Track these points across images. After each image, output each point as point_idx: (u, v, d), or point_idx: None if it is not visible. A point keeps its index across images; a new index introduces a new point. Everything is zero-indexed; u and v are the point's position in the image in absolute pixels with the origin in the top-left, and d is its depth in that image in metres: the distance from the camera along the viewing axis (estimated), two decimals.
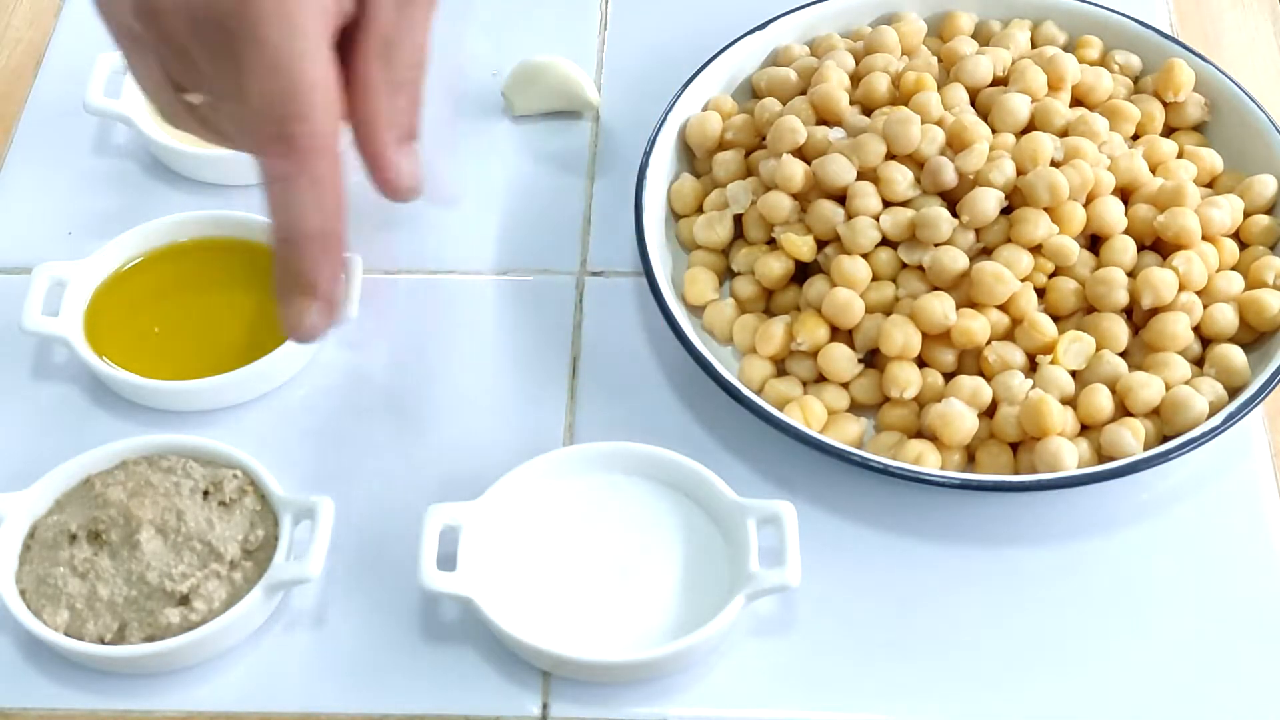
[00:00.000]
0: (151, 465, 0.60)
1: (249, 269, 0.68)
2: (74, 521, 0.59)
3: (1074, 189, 0.65)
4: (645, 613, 0.57)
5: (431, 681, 0.57)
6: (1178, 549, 0.61)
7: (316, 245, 0.53)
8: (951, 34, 0.75)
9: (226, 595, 0.57)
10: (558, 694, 0.57)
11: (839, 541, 0.61)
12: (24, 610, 0.57)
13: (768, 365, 0.65)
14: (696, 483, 0.60)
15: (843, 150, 0.67)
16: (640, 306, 0.69)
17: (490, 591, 0.57)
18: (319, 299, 0.53)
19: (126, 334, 0.66)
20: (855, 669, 0.58)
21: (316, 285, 0.53)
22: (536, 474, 0.60)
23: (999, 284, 0.63)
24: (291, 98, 0.51)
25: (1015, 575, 0.61)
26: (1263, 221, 0.68)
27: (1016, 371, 0.63)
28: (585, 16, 0.82)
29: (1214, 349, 0.64)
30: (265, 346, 0.65)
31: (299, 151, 0.51)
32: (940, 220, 0.65)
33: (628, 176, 0.70)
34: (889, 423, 0.63)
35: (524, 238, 0.72)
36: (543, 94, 0.76)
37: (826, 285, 0.65)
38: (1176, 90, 0.72)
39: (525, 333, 0.68)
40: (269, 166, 0.52)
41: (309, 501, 0.59)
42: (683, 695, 0.57)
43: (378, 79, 0.54)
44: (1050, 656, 0.58)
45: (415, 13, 0.55)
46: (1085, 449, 0.61)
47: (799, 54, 0.75)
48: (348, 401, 0.66)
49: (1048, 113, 0.69)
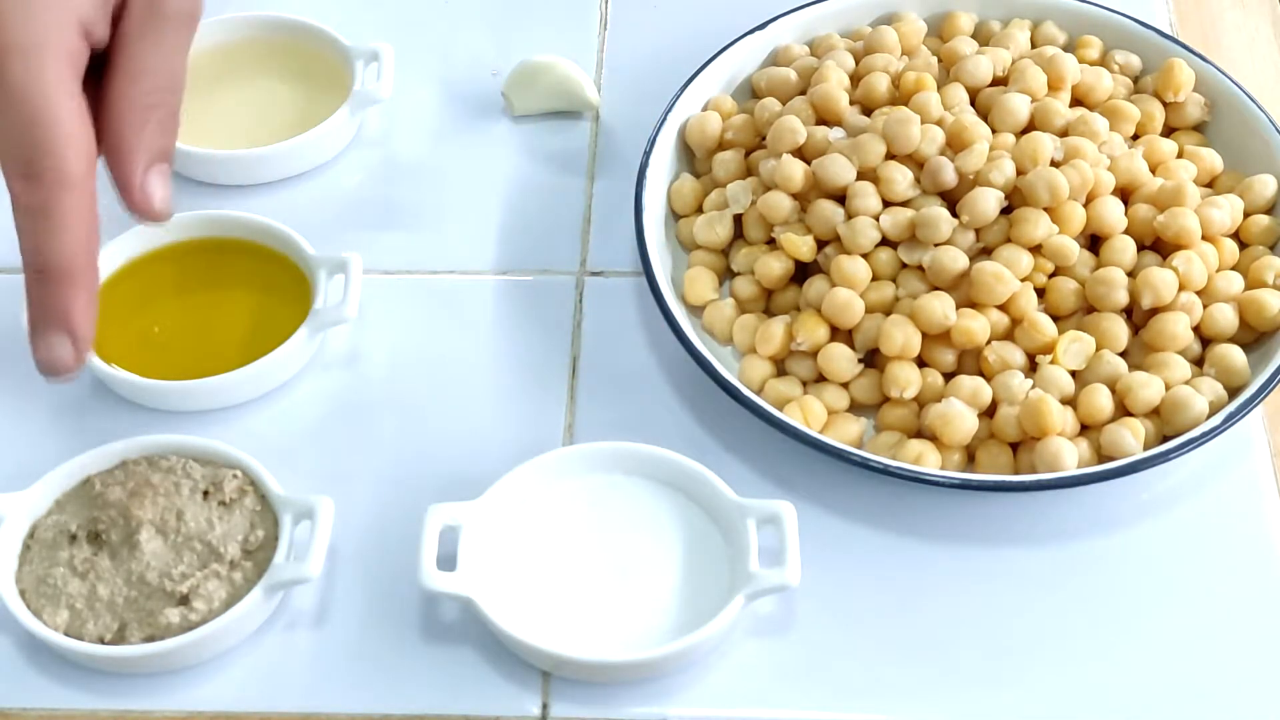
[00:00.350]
0: (151, 465, 0.60)
1: (249, 269, 0.69)
2: (74, 521, 0.59)
3: (1074, 189, 0.65)
4: (645, 613, 0.57)
5: (431, 681, 0.57)
6: (1178, 549, 0.61)
7: (66, 279, 0.53)
8: (951, 34, 0.75)
9: (226, 595, 0.57)
10: (558, 694, 0.57)
11: (839, 541, 0.61)
12: (24, 610, 0.57)
13: (768, 365, 0.65)
14: (696, 483, 0.60)
15: (843, 150, 0.67)
16: (640, 306, 0.69)
17: (490, 591, 0.57)
18: (69, 334, 0.54)
19: (126, 334, 0.66)
20: (855, 669, 0.58)
21: (68, 320, 0.53)
22: (536, 474, 0.60)
23: (999, 284, 0.63)
24: (37, 135, 0.52)
25: (1015, 575, 0.61)
26: (1263, 221, 0.68)
27: (1016, 371, 0.63)
28: (585, 16, 0.82)
29: (1214, 349, 0.64)
30: (265, 346, 0.65)
31: (46, 187, 0.52)
32: (940, 220, 0.65)
33: (628, 176, 0.70)
34: (889, 423, 0.63)
35: (524, 238, 0.72)
36: (543, 94, 0.76)
37: (826, 285, 0.65)
38: (1176, 90, 0.72)
39: (525, 333, 0.68)
40: (17, 200, 0.53)
41: (309, 501, 0.59)
42: (683, 695, 0.57)
43: (125, 104, 0.54)
44: (1050, 656, 0.58)
45: (165, 39, 0.55)
46: (1085, 449, 0.61)
47: (799, 54, 0.75)
48: (348, 401, 0.66)
49: (1048, 113, 0.69)
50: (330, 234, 0.70)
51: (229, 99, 0.76)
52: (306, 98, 0.76)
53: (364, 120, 0.77)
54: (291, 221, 0.69)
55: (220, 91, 0.76)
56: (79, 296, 0.54)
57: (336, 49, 0.76)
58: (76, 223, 0.53)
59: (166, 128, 0.56)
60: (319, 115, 0.74)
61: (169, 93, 0.56)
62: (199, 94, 0.76)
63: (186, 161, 0.73)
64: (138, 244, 0.69)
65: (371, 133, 0.77)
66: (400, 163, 0.76)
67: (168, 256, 0.69)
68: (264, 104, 0.76)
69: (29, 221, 0.53)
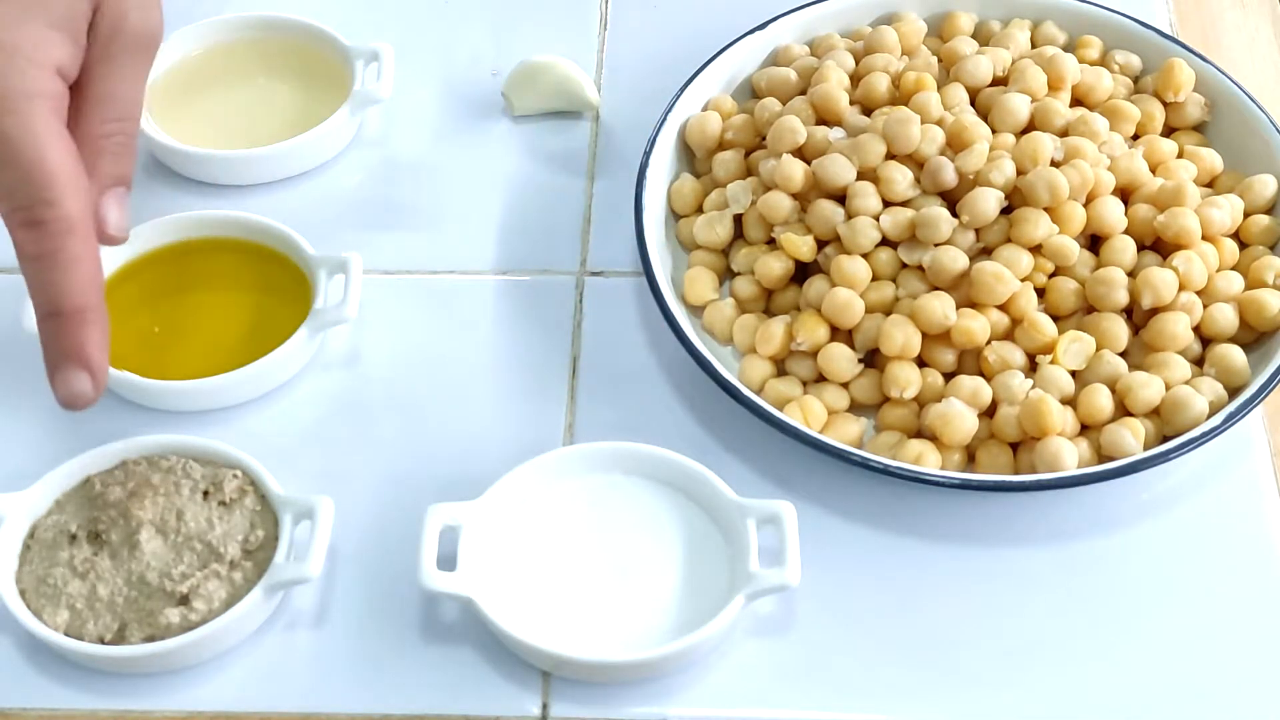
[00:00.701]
0: (151, 465, 0.60)
1: (249, 269, 0.69)
2: (74, 521, 0.59)
3: (1074, 189, 0.65)
4: (645, 613, 0.57)
5: (431, 681, 0.57)
6: (1178, 549, 0.61)
7: (79, 318, 0.56)
8: (951, 34, 0.75)
9: (226, 595, 0.57)
10: (558, 694, 0.57)
11: (839, 541, 0.61)
12: (24, 610, 0.57)
13: (768, 365, 0.65)
14: (696, 483, 0.60)
15: (843, 150, 0.67)
16: (640, 306, 0.69)
17: (490, 591, 0.57)
18: (86, 369, 0.56)
19: (126, 334, 0.66)
20: (855, 669, 0.58)
21: (84, 357, 0.56)
22: (536, 474, 0.60)
23: (999, 284, 0.63)
24: (36, 185, 0.54)
25: (1015, 575, 0.61)
26: (1263, 221, 0.68)
27: (1016, 371, 0.63)
28: (585, 16, 0.82)
29: (1214, 349, 0.64)
30: (265, 346, 0.65)
31: (51, 235, 0.54)
32: (940, 220, 0.65)
33: (628, 176, 0.70)
34: (889, 423, 0.63)
35: (524, 238, 0.72)
36: (543, 94, 0.76)
37: (826, 285, 0.65)
38: (1176, 90, 0.72)
39: (525, 333, 0.68)
40: (23, 249, 0.55)
41: (309, 501, 0.59)
42: (683, 695, 0.57)
43: (80, 133, 0.56)
44: (1050, 656, 0.58)
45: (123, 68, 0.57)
46: (1085, 449, 0.61)
47: (799, 54, 0.75)
48: (348, 401, 0.66)
49: (1048, 113, 0.69)
50: (330, 234, 0.71)
51: (229, 99, 0.76)
52: (306, 98, 0.76)
53: (364, 120, 0.77)
54: (291, 221, 0.69)
55: (220, 91, 0.76)
56: (93, 333, 0.56)
57: (336, 49, 0.76)
58: (83, 263, 0.55)
59: (122, 154, 0.58)
60: (319, 115, 0.74)
61: (125, 120, 0.58)
62: (199, 94, 0.76)
63: (187, 161, 0.73)
64: (138, 244, 0.68)
65: (371, 133, 0.77)
66: (400, 163, 0.76)
67: (168, 256, 0.69)
68: (264, 104, 0.76)
69: (36, 268, 0.55)
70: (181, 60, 0.77)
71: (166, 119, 0.74)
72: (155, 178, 0.74)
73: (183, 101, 0.76)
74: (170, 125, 0.74)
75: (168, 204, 0.72)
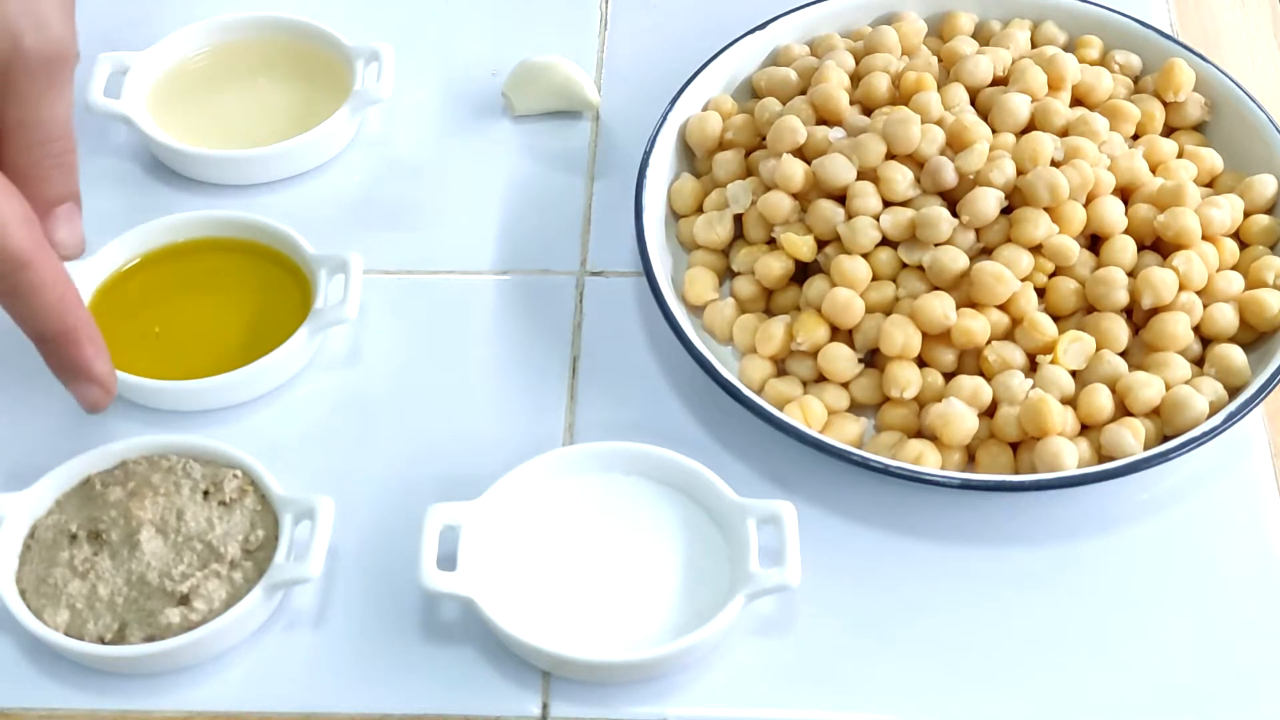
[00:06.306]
0: (151, 465, 0.60)
1: (249, 269, 0.69)
2: (74, 521, 0.59)
3: (1074, 189, 0.65)
4: (645, 613, 0.57)
5: (431, 681, 0.57)
6: (1178, 549, 0.61)
7: (64, 339, 0.57)
8: (951, 34, 0.75)
9: (226, 595, 0.57)
10: (558, 694, 0.57)
11: (839, 541, 0.61)
12: (24, 610, 0.57)
13: (768, 365, 0.65)
14: (696, 483, 0.60)
15: (843, 150, 0.67)
16: (640, 306, 0.69)
17: (490, 591, 0.57)
18: (93, 382, 0.58)
19: (126, 334, 0.66)
20: (855, 669, 0.58)
21: (84, 370, 0.58)
22: (536, 474, 0.60)
23: (999, 284, 0.63)
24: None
25: (1015, 575, 0.61)
26: (1263, 221, 0.68)
27: (1016, 371, 0.63)
28: (585, 16, 0.82)
29: (1214, 349, 0.64)
30: (265, 346, 0.65)
31: (12, 273, 0.54)
32: (940, 220, 0.65)
33: (628, 176, 0.70)
34: (889, 423, 0.63)
35: (524, 238, 0.72)
36: (543, 94, 0.76)
37: (826, 285, 0.65)
38: (1176, 90, 0.72)
39: (525, 333, 0.68)
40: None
41: (309, 501, 0.59)
42: (683, 695, 0.57)
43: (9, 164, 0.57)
44: (1050, 656, 0.58)
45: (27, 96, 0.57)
46: (1085, 449, 0.61)
47: (799, 54, 0.75)
48: (348, 401, 0.66)
49: (1048, 113, 0.69)
50: (330, 234, 0.71)
51: (229, 99, 0.76)
52: (306, 98, 0.76)
53: (364, 120, 0.77)
54: (291, 221, 0.69)
55: (220, 91, 0.77)
56: (85, 349, 0.57)
57: (336, 49, 0.76)
58: (48, 289, 0.56)
59: (56, 175, 0.58)
60: (319, 115, 0.74)
61: (51, 142, 0.58)
62: (199, 94, 0.76)
63: (187, 161, 0.73)
64: (138, 244, 0.69)
65: (371, 133, 0.77)
66: (400, 163, 0.76)
67: (168, 256, 0.69)
68: (264, 104, 0.76)
69: (7, 304, 0.56)
70: (181, 60, 0.77)
71: (166, 119, 0.74)
72: (155, 178, 0.74)
73: (183, 101, 0.76)
74: (170, 125, 0.74)
75: (168, 204, 0.73)
